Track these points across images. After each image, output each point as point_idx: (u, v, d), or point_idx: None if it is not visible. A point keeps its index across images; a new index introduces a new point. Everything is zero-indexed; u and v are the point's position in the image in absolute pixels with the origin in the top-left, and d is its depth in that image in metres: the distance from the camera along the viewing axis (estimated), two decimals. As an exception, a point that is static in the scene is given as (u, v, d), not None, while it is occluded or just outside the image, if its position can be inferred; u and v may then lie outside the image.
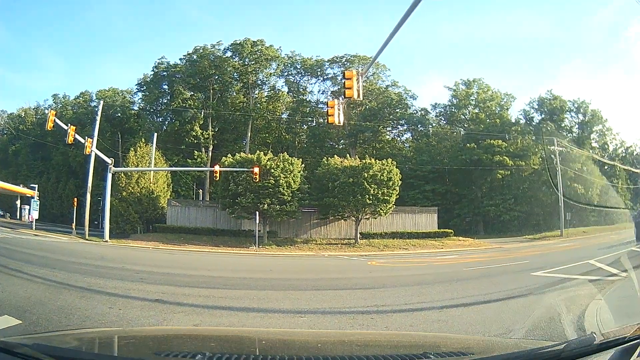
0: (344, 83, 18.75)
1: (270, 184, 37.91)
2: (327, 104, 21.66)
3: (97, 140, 40.21)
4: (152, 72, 66.64)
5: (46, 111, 34.91)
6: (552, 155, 50.21)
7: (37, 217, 44.06)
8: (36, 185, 50.71)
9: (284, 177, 38.57)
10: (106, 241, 36.01)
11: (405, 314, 9.01)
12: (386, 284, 14.10)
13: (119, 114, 67.85)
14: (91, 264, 17.01)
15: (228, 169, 39.25)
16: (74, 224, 41.11)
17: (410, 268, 22.08)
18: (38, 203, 45.76)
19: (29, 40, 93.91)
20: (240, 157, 40.34)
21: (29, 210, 47.21)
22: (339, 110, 20.75)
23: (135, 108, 70.24)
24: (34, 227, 41.50)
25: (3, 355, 2.22)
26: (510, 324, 7.81)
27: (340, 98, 22.95)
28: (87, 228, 38.86)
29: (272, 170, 38.31)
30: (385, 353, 2.93)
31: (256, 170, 36.88)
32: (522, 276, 15.14)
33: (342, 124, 23.64)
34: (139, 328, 6.72)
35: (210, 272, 17.71)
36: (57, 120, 32.96)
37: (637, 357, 2.26)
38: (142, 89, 68.69)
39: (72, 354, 2.43)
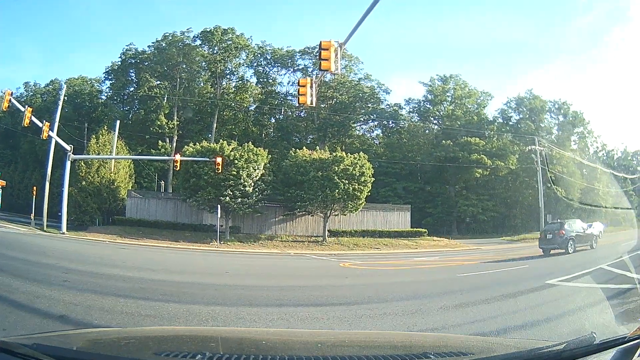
0: (320, 54, 16.89)
1: (232, 175, 35.98)
2: (299, 83, 20.19)
3: (64, 128, 39.19)
4: (120, 60, 64.36)
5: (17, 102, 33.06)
6: (533, 155, 48.51)
7: None
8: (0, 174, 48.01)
9: (247, 168, 36.77)
10: (63, 233, 34.55)
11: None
12: (371, 297, 11.30)
13: (87, 103, 65.75)
14: (23, 259, 15.52)
15: (190, 158, 37.31)
16: (32, 215, 39.25)
17: (391, 273, 19.99)
18: (0, 192, 43.23)
19: (4, 28, 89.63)
20: (202, 146, 38.27)
21: (-8, 199, 45.46)
22: (311, 89, 19.10)
23: (103, 97, 68.15)
24: (-5, 217, 39.81)
25: (3, 355, 2.21)
26: None
27: (313, 76, 20.46)
28: (45, 219, 37.26)
29: (236, 161, 36.34)
30: (385, 353, 2.87)
31: (219, 160, 34.81)
32: (538, 285, 12.76)
33: (314, 104, 21.44)
34: (139, 328, 6.51)
35: (154, 273, 15.24)
36: (14, 101, 31.74)
37: (637, 357, 2.24)
38: (109, 77, 66.50)
39: (72, 354, 2.38)
